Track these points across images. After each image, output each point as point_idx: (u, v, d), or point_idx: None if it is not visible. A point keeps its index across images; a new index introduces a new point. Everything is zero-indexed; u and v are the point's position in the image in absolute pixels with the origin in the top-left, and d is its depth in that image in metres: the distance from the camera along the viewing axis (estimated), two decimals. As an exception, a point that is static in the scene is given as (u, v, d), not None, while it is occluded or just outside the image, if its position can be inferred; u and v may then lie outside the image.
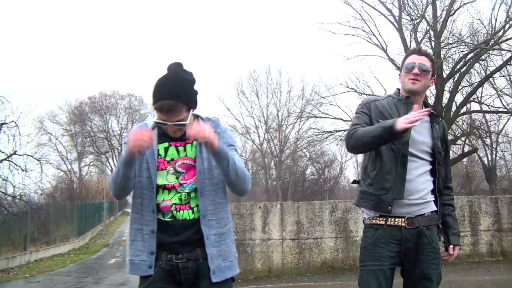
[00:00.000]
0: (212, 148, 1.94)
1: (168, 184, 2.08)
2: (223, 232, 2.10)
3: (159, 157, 2.10)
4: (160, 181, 2.08)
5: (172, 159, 2.10)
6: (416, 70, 2.37)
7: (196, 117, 2.16)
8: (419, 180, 2.33)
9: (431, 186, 2.38)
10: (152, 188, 2.07)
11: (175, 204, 2.07)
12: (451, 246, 2.43)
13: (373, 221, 2.35)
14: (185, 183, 2.08)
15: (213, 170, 2.09)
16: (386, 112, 2.38)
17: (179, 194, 2.08)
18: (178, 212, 2.07)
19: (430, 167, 2.38)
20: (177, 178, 2.09)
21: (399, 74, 2.50)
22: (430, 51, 16.87)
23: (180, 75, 2.03)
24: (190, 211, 2.08)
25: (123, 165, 2.01)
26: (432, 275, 2.32)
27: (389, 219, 2.30)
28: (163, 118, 2.00)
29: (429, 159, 2.37)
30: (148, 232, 2.07)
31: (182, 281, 2.05)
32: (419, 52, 2.48)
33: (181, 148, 2.11)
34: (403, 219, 2.29)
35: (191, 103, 2.04)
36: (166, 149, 2.11)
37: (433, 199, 2.39)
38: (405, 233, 2.28)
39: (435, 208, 2.39)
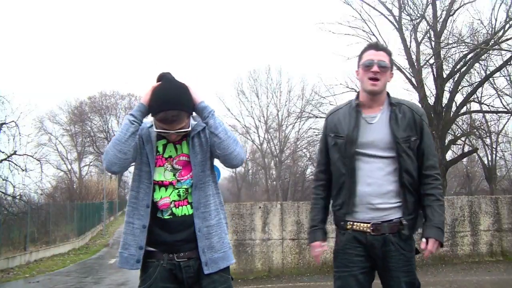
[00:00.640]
0: (198, 101, 2.05)
1: (165, 181, 2.10)
2: (214, 224, 2.11)
3: (157, 153, 2.12)
4: (158, 177, 2.10)
5: (170, 156, 2.13)
6: (375, 68, 2.25)
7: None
8: (383, 181, 2.22)
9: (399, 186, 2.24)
10: (150, 183, 2.08)
11: (174, 200, 2.09)
12: (423, 240, 2.19)
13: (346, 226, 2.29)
14: (182, 179, 2.10)
15: (206, 163, 2.13)
16: (339, 124, 2.33)
17: (177, 191, 2.10)
18: (177, 209, 2.09)
19: (398, 164, 2.24)
20: (174, 175, 2.11)
21: (357, 71, 2.38)
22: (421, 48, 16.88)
23: (176, 83, 2.06)
24: (188, 206, 2.10)
25: (135, 116, 2.04)
26: (402, 284, 2.18)
27: (355, 223, 2.23)
28: (165, 127, 2.02)
29: (394, 154, 2.23)
30: (139, 226, 2.07)
31: (184, 279, 2.06)
32: (377, 47, 2.34)
33: (178, 146, 2.14)
34: (368, 225, 2.20)
35: (191, 110, 2.07)
36: (165, 146, 2.13)
37: (403, 202, 2.22)
38: (370, 239, 2.20)
39: (400, 215, 2.21)
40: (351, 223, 2.24)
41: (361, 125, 2.28)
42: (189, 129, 2.06)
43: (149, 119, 2.18)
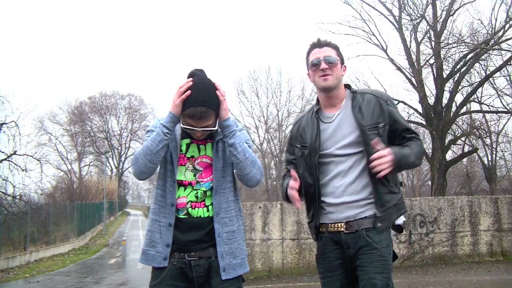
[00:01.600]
0: (224, 118, 2.03)
1: (185, 181, 2.10)
2: (234, 230, 2.12)
3: (180, 152, 2.12)
4: (178, 176, 2.10)
5: (192, 156, 2.13)
6: (323, 65, 2.18)
7: None
8: (359, 178, 2.13)
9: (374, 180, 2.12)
10: (173, 182, 2.09)
11: (191, 201, 2.10)
12: (387, 149, 2.05)
13: (318, 230, 2.25)
14: (202, 181, 2.11)
15: (227, 169, 2.13)
16: (303, 132, 2.27)
17: (195, 192, 2.10)
18: (193, 210, 2.09)
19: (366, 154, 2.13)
20: (194, 175, 2.11)
21: (308, 74, 2.30)
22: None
23: (207, 81, 2.06)
24: (205, 209, 2.10)
25: (169, 128, 2.02)
26: (375, 280, 2.01)
27: (330, 225, 2.17)
28: (192, 124, 2.02)
29: (363, 148, 2.14)
30: (166, 224, 2.09)
31: (194, 278, 2.06)
32: (319, 44, 2.25)
33: (202, 146, 2.14)
34: (342, 224, 2.13)
35: (219, 108, 2.06)
36: (188, 146, 2.13)
37: (374, 194, 2.13)
38: (344, 239, 2.12)
39: (374, 210, 2.12)
40: (327, 225, 2.18)
41: (324, 128, 2.21)
42: (216, 128, 2.06)
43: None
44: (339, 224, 2.14)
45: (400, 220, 2.20)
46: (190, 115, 2.00)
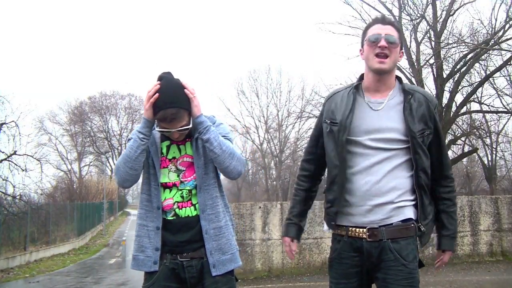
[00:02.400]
0: (196, 115, 2.02)
1: (169, 182, 2.10)
2: (222, 225, 2.12)
3: (162, 155, 2.13)
4: (162, 179, 2.11)
5: (174, 157, 2.14)
6: (383, 42, 1.94)
7: None
8: (387, 178, 1.92)
9: (408, 184, 1.94)
10: (157, 185, 2.10)
11: (177, 202, 2.10)
12: (441, 251, 2.02)
13: (336, 231, 2.04)
14: (185, 180, 2.11)
15: (209, 165, 2.13)
16: (336, 109, 2.04)
17: (180, 192, 2.10)
18: (180, 210, 2.09)
19: (406, 157, 1.94)
20: (178, 175, 2.11)
21: (360, 50, 2.06)
22: (427, 49, 16.88)
23: (174, 82, 2.06)
24: (192, 208, 2.11)
25: (144, 133, 2.03)
26: None
27: (350, 229, 1.96)
28: (166, 127, 2.03)
29: (403, 147, 1.94)
30: (153, 228, 2.09)
31: (187, 279, 2.07)
32: (383, 21, 2.01)
33: (182, 146, 2.15)
34: (364, 230, 1.92)
35: (189, 106, 2.06)
36: (168, 147, 2.15)
37: (411, 202, 1.94)
38: (366, 247, 1.91)
39: (411, 215, 1.93)
40: (346, 228, 1.98)
41: (361, 111, 1.99)
42: (191, 126, 2.05)
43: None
44: (361, 229, 1.92)
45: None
46: (162, 118, 2.01)
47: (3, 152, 16.41)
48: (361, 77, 2.09)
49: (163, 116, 2.00)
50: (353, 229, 1.95)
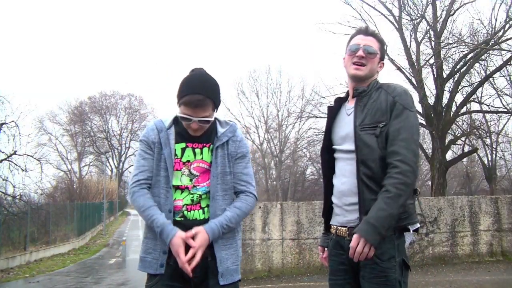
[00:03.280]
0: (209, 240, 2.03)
1: (181, 185, 2.09)
2: (231, 236, 2.12)
3: (176, 157, 2.10)
4: (174, 181, 2.09)
5: (188, 161, 2.10)
6: (360, 52, 2.05)
7: (215, 119, 2.16)
8: (354, 179, 1.98)
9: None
10: (169, 188, 2.07)
11: (186, 204, 2.09)
12: (354, 235, 1.88)
13: (330, 230, 2.14)
14: (198, 186, 2.10)
15: (226, 176, 2.11)
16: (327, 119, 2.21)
17: (191, 196, 2.09)
18: (189, 212, 2.08)
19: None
20: (190, 180, 2.09)
21: (344, 58, 2.15)
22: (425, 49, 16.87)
23: (207, 75, 2.07)
24: (200, 211, 2.10)
25: (156, 231, 2.03)
26: None
27: (338, 228, 2.05)
28: (188, 113, 2.00)
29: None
30: None
31: (190, 279, 2.05)
32: (366, 32, 2.12)
33: (197, 151, 2.11)
34: (345, 229, 2.00)
35: (217, 101, 2.06)
36: (183, 150, 2.11)
37: (359, 200, 1.97)
38: (347, 245, 1.95)
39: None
40: (335, 227, 2.08)
41: (339, 119, 2.12)
42: (212, 119, 2.04)
43: (169, 118, 2.15)
44: (343, 228, 2.02)
45: (408, 238, 1.99)
46: (187, 102, 1.98)
47: (3, 152, 16.43)
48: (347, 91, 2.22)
49: (188, 100, 1.97)
50: (338, 228, 2.06)
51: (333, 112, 2.17)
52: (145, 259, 2.10)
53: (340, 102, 2.19)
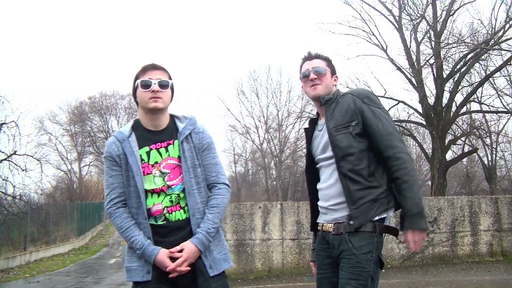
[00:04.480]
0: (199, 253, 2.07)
1: (156, 188, 2.09)
2: None
3: (143, 162, 2.10)
4: (148, 185, 2.09)
5: (156, 162, 2.11)
6: (312, 75, 2.29)
7: (172, 116, 2.20)
8: (336, 182, 2.19)
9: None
10: (139, 198, 2.07)
11: (167, 206, 2.09)
12: (407, 233, 2.07)
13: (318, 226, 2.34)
14: (173, 185, 2.10)
15: (196, 169, 2.13)
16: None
17: (169, 197, 2.09)
18: (170, 214, 2.09)
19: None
20: (163, 179, 2.10)
21: (302, 87, 2.40)
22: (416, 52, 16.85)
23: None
24: (181, 211, 2.10)
25: (138, 253, 2.06)
26: (347, 286, 2.04)
27: (323, 225, 2.26)
28: (147, 77, 2.12)
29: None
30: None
31: (178, 280, 2.06)
32: (309, 57, 2.37)
33: (162, 150, 2.13)
34: (331, 225, 2.20)
35: (171, 76, 2.18)
36: (148, 153, 2.12)
37: (345, 193, 2.14)
38: (331, 239, 2.18)
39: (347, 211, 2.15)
40: (321, 224, 2.28)
41: (316, 135, 2.35)
42: (171, 81, 2.15)
43: (127, 127, 2.17)
44: (329, 224, 2.21)
45: (386, 215, 2.12)
46: (144, 69, 2.14)
47: (3, 152, 16.44)
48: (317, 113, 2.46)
49: (145, 67, 2.13)
50: (325, 224, 2.25)
51: (309, 132, 2.39)
52: (131, 268, 2.09)
53: (313, 123, 2.40)
